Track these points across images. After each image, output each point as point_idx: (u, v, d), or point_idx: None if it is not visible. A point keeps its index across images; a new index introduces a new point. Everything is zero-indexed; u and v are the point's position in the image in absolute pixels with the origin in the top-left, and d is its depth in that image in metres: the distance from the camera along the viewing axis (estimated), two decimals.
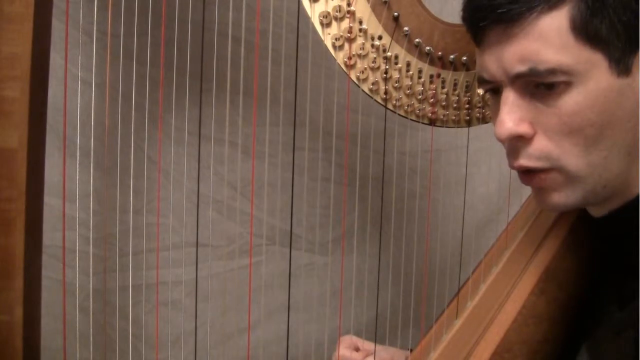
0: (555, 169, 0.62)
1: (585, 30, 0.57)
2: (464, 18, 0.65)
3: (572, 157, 0.61)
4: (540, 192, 0.65)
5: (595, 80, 0.58)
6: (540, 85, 0.60)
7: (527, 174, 0.64)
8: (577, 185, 0.62)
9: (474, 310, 0.75)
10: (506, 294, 0.73)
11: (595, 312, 0.69)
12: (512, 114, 0.61)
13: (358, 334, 0.91)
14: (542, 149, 0.61)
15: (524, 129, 0.61)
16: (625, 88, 0.59)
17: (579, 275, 0.72)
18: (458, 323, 0.76)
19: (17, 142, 0.71)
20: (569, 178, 0.62)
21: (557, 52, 0.58)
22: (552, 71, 0.58)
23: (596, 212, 0.69)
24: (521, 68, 0.59)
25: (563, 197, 0.63)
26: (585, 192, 0.63)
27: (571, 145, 0.60)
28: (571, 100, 0.59)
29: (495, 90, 0.65)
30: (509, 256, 0.77)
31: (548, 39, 0.58)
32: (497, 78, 0.62)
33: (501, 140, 0.63)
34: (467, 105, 0.77)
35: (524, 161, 0.63)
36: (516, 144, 0.63)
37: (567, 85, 0.58)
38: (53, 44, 0.76)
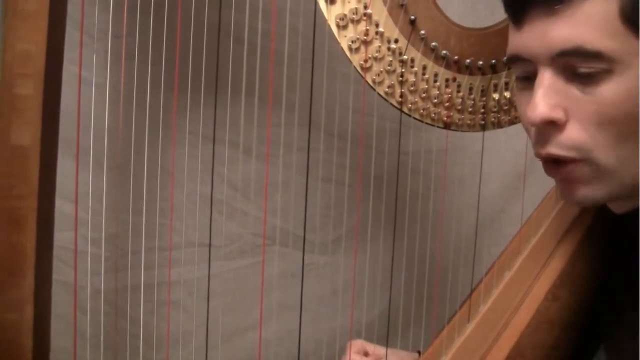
0: (584, 160, 0.59)
1: (635, 19, 0.55)
2: None
3: (603, 149, 0.58)
4: (566, 185, 0.63)
5: (637, 71, 0.56)
6: (579, 72, 0.57)
7: (553, 164, 0.62)
8: (605, 179, 0.60)
9: (486, 314, 0.76)
10: (519, 298, 0.73)
11: (612, 313, 0.69)
12: (547, 98, 0.58)
13: (361, 334, 0.91)
14: (574, 138, 0.59)
15: (557, 114, 0.58)
16: None
17: (593, 279, 0.72)
18: (470, 327, 0.76)
19: (30, 140, 0.70)
20: (598, 171, 0.59)
21: (603, 37, 0.55)
22: (597, 55, 0.55)
23: (619, 208, 0.67)
24: (566, 45, 0.57)
25: (590, 191, 0.61)
26: (613, 187, 0.60)
27: (604, 137, 0.58)
28: (610, 90, 0.56)
29: (526, 77, 0.62)
30: (522, 260, 0.77)
31: (595, 23, 0.55)
32: (537, 57, 0.59)
33: (533, 125, 0.60)
34: (482, 110, 0.77)
35: (553, 149, 0.60)
36: (547, 130, 0.60)
37: (608, 73, 0.56)
38: None
